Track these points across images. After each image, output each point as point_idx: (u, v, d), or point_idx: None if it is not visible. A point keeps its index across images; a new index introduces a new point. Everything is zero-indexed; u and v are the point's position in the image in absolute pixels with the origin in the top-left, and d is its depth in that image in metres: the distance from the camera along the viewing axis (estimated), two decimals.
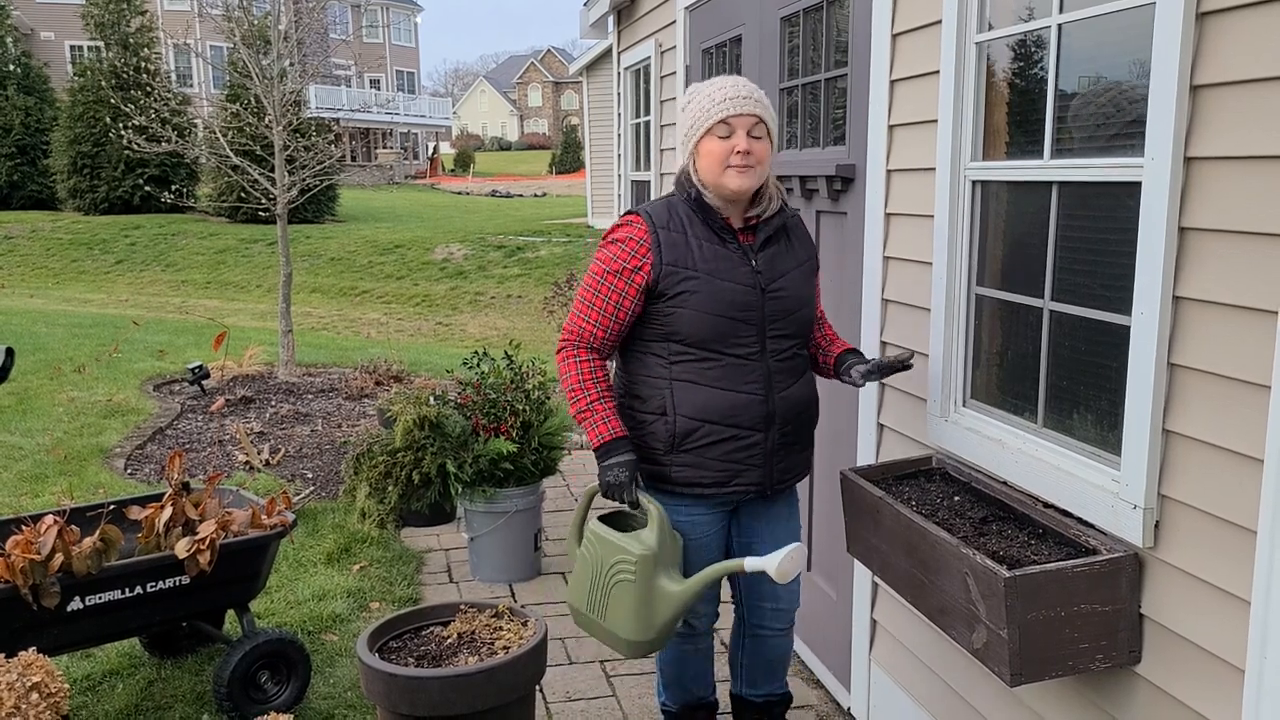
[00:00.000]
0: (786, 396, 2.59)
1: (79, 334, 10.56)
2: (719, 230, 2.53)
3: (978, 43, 2.50)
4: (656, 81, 5.51)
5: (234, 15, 8.50)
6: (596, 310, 2.54)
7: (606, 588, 2.56)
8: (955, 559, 2.12)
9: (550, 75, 78.06)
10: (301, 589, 4.24)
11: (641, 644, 2.57)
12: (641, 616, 2.52)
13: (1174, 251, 1.89)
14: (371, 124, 43.58)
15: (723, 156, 2.47)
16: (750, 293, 2.51)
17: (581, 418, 2.55)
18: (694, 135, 2.52)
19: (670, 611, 2.53)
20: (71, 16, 29.70)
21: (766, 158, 2.50)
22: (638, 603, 2.51)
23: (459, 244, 19.89)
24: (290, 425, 6.86)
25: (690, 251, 2.50)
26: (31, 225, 22.80)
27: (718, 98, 2.47)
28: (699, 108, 2.51)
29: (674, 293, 2.49)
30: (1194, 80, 1.83)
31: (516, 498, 4.38)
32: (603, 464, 2.52)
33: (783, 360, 2.58)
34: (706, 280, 2.48)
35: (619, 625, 2.56)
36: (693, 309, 2.48)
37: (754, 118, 2.47)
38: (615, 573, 2.53)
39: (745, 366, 2.53)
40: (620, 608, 2.54)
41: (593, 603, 2.61)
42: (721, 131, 2.47)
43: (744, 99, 2.47)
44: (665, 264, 2.49)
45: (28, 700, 2.45)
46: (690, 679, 2.95)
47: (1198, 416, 1.87)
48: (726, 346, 2.51)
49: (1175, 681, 1.95)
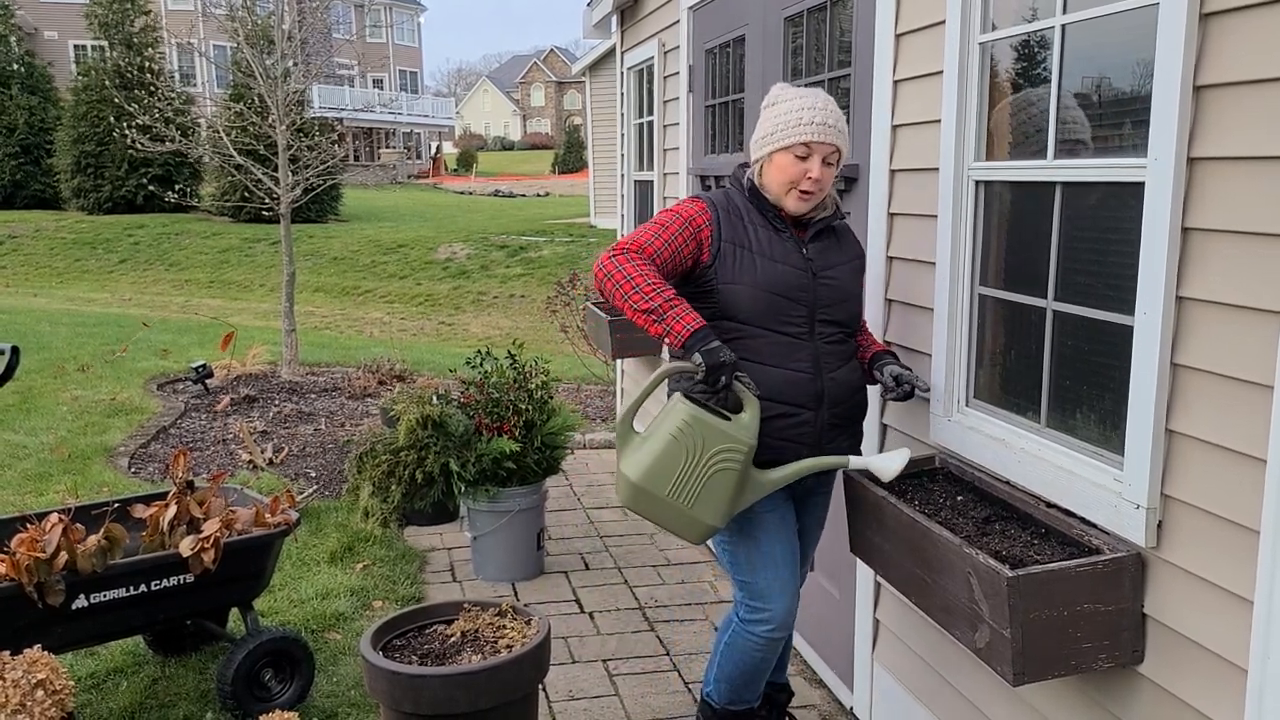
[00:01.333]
0: (835, 378, 2.62)
1: (83, 333, 10.58)
2: (773, 220, 2.61)
3: (981, 43, 2.50)
4: (659, 82, 5.51)
5: (238, 15, 8.52)
6: (662, 239, 2.53)
7: (704, 474, 2.44)
8: (958, 558, 2.12)
9: (553, 75, 78.04)
10: (305, 587, 4.25)
11: (716, 530, 2.52)
12: (731, 504, 2.48)
13: (1177, 252, 1.89)
14: (374, 123, 43.60)
15: (794, 178, 2.54)
16: (802, 275, 2.58)
17: (652, 315, 2.42)
18: (773, 143, 2.56)
19: (754, 498, 2.53)
20: (75, 16, 29.72)
21: (829, 182, 2.59)
22: (734, 491, 2.46)
23: (462, 243, 19.91)
24: (293, 424, 6.87)
25: (747, 234, 2.59)
26: (35, 225, 22.84)
27: (805, 118, 2.52)
28: (784, 119, 2.54)
29: (730, 269, 2.55)
30: (1197, 81, 1.83)
31: (519, 497, 4.39)
32: (702, 348, 2.39)
33: (831, 343, 2.62)
34: (761, 260, 2.56)
35: (708, 512, 2.46)
36: (748, 285, 2.54)
37: (833, 147, 2.54)
38: (718, 460, 2.43)
39: (795, 345, 2.57)
40: (714, 495, 2.45)
41: (680, 488, 2.46)
42: (800, 152, 2.52)
43: (830, 127, 2.52)
44: (724, 240, 2.56)
45: (33, 697, 2.46)
46: (756, 685, 2.84)
47: (1201, 416, 1.87)
48: (778, 325, 2.56)
49: (1178, 681, 1.95)
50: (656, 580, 4.49)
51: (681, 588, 4.40)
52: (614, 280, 2.45)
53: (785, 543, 2.69)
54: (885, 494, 2.45)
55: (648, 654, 3.80)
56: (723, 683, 2.83)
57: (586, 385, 8.54)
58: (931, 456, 2.73)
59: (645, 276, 2.43)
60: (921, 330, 2.81)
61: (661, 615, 4.13)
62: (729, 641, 2.78)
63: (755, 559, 2.67)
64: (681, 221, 2.57)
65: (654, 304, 2.41)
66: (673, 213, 2.61)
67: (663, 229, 2.55)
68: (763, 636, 2.70)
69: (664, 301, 2.41)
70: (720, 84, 4.56)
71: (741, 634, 2.73)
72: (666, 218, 2.59)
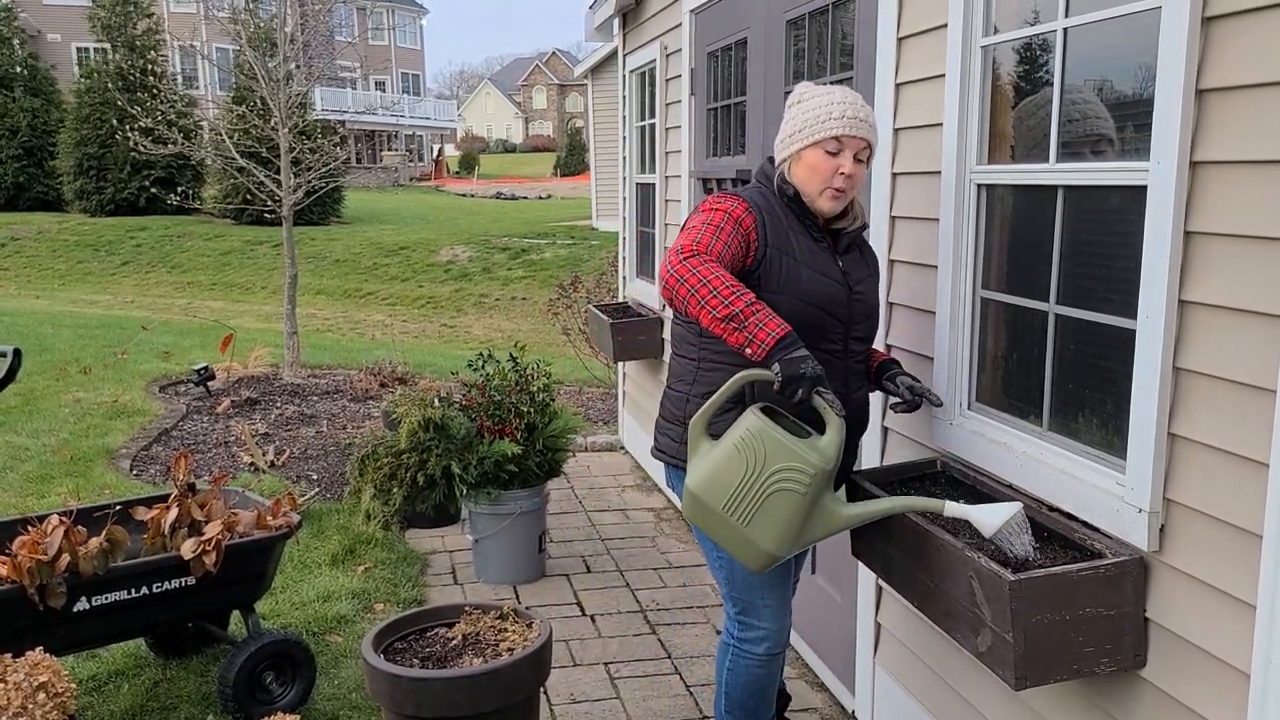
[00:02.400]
0: (857, 399, 2.57)
1: (85, 335, 10.59)
2: (811, 228, 2.49)
3: (983, 46, 2.50)
4: (661, 84, 5.52)
5: (240, 18, 8.53)
6: (721, 240, 2.32)
7: (761, 493, 2.22)
8: (960, 562, 2.12)
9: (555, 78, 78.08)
10: (306, 590, 4.25)
11: (777, 559, 2.29)
12: (793, 531, 2.24)
13: (1179, 256, 1.89)
14: (377, 126, 43.66)
15: (826, 174, 2.41)
16: (841, 289, 2.48)
17: (733, 323, 2.18)
18: (801, 140, 2.44)
19: (825, 533, 2.30)
20: (78, 18, 29.79)
21: (861, 181, 2.47)
22: (796, 517, 2.22)
23: (464, 246, 19.92)
24: (295, 427, 6.87)
25: (790, 240, 2.44)
26: (38, 227, 22.87)
27: (835, 112, 2.40)
28: (812, 114, 2.43)
29: (777, 276, 2.39)
30: (1199, 85, 1.83)
31: (521, 499, 4.39)
32: (788, 356, 2.16)
33: (858, 362, 2.57)
34: (805, 271, 2.42)
35: (765, 536, 2.24)
36: (792, 297, 2.39)
37: (863, 142, 2.43)
38: (778, 480, 2.21)
39: (831, 364, 2.45)
40: (771, 518, 2.23)
41: (736, 503, 2.25)
42: (831, 147, 2.40)
43: (860, 121, 2.41)
44: (770, 245, 2.41)
45: (34, 700, 2.46)
46: (769, 702, 2.77)
47: (1203, 421, 1.87)
48: (818, 341, 2.42)
49: (1180, 686, 1.95)
50: (658, 583, 4.49)
51: (683, 590, 4.40)
52: (688, 285, 2.21)
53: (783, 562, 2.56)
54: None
55: (649, 657, 3.80)
56: (735, 711, 2.75)
57: (588, 388, 8.54)
58: (934, 460, 2.73)
59: (721, 279, 2.20)
60: (924, 334, 2.81)
61: (663, 618, 4.13)
62: (730, 667, 2.72)
63: (750, 578, 2.60)
64: (732, 221, 2.37)
65: (734, 309, 2.18)
66: (718, 211, 2.39)
67: (718, 230, 2.33)
68: (761, 655, 2.67)
69: (745, 307, 2.18)
70: (722, 87, 4.56)
71: (741, 655, 2.69)
72: (716, 218, 2.36)
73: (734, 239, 2.35)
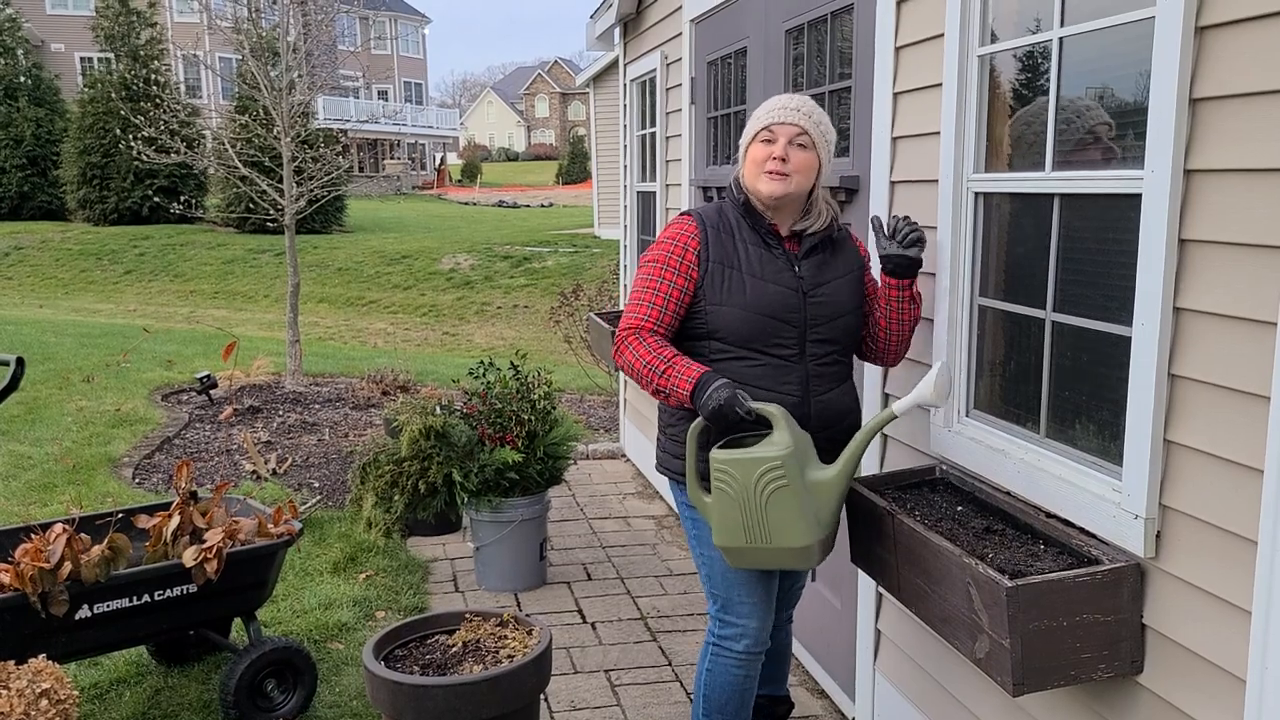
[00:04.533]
0: (824, 400, 2.59)
1: (88, 344, 10.61)
2: (765, 235, 2.59)
3: (980, 56, 2.52)
4: (662, 93, 5.54)
5: (243, 27, 8.57)
6: (650, 304, 2.56)
7: (763, 506, 2.38)
8: (958, 569, 2.13)
9: (557, 86, 78.28)
10: (308, 598, 4.26)
11: (820, 543, 2.42)
12: (809, 515, 2.39)
13: (1174, 263, 1.90)
14: (379, 135, 43.75)
15: (761, 161, 2.55)
16: (792, 295, 2.55)
17: (663, 383, 2.47)
18: (744, 144, 2.63)
19: (834, 499, 2.43)
20: (82, 28, 29.91)
21: (806, 168, 2.55)
22: (800, 503, 2.37)
23: (466, 254, 19.95)
24: (297, 434, 6.88)
25: (736, 252, 2.57)
26: (41, 236, 22.93)
27: (770, 107, 2.58)
28: (753, 117, 2.61)
29: (718, 289, 2.54)
30: (1194, 93, 1.85)
31: (522, 507, 4.40)
32: (703, 398, 2.41)
33: (823, 364, 2.59)
34: (750, 280, 2.54)
35: (790, 536, 2.39)
36: (735, 306, 2.53)
37: (797, 128, 2.53)
38: (767, 484, 2.37)
39: (784, 368, 2.55)
40: (784, 517, 2.38)
41: (751, 530, 2.41)
42: (765, 137, 2.56)
43: (791, 110, 2.55)
44: (712, 261, 2.55)
45: (37, 707, 2.47)
46: (747, 708, 2.77)
47: (1198, 427, 1.88)
48: (767, 346, 2.54)
49: (1177, 691, 1.95)
50: (659, 590, 4.49)
51: (684, 598, 4.41)
52: (630, 369, 2.54)
53: None
54: (887, 505, 2.46)
55: (650, 664, 3.80)
56: (714, 715, 2.76)
57: (590, 395, 8.55)
58: (932, 467, 2.73)
59: (641, 357, 2.50)
60: (922, 341, 2.82)
61: (664, 625, 4.13)
62: (710, 667, 2.75)
63: (730, 574, 2.66)
64: (672, 260, 2.57)
65: (658, 371, 2.47)
66: (662, 248, 2.60)
67: (656, 284, 2.56)
68: (740, 654, 2.69)
69: (665, 367, 2.47)
70: (722, 96, 4.58)
71: (719, 654, 2.72)
72: (655, 270, 2.58)
73: (675, 283, 2.56)
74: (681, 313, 2.58)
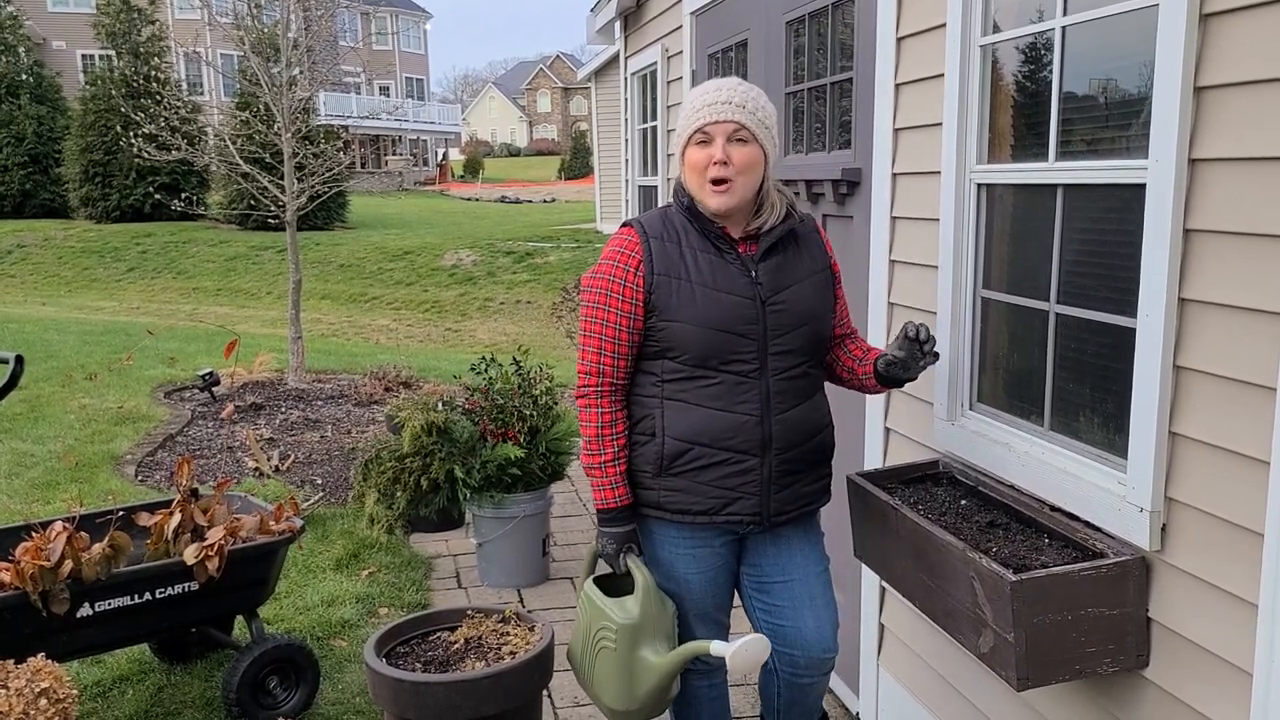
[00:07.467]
0: (786, 419, 2.37)
1: (90, 341, 10.62)
2: (715, 240, 2.36)
3: (982, 46, 2.50)
4: (663, 87, 5.52)
5: (244, 23, 8.55)
6: (600, 341, 2.38)
7: (593, 651, 2.45)
8: (962, 563, 2.11)
9: (559, 81, 78.21)
10: (310, 595, 4.25)
11: (624, 714, 2.43)
12: (623, 686, 2.40)
13: (1179, 254, 1.88)
14: (381, 131, 43.73)
15: (701, 167, 2.32)
16: (749, 305, 2.32)
17: (590, 473, 2.43)
18: (678, 145, 2.40)
19: (651, 683, 2.37)
20: (83, 26, 29.87)
21: (751, 165, 2.32)
22: (619, 672, 2.39)
23: (468, 250, 19.94)
24: (300, 431, 6.88)
25: (684, 262, 2.34)
26: (44, 233, 22.94)
27: (698, 104, 2.34)
28: (683, 115, 2.38)
29: (667, 304, 2.32)
30: (1198, 82, 1.83)
31: (524, 503, 4.39)
32: (600, 530, 2.44)
33: (786, 379, 2.37)
34: (701, 291, 2.31)
35: (605, 693, 2.45)
36: (686, 322, 2.30)
37: (733, 124, 2.29)
38: (600, 638, 2.42)
39: (743, 385, 2.33)
40: (603, 674, 2.43)
41: (583, 663, 2.52)
42: (699, 139, 2.33)
43: (722, 104, 2.30)
44: (657, 274, 2.33)
45: (36, 706, 2.46)
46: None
47: (1204, 419, 1.86)
48: (724, 363, 2.32)
49: (1183, 685, 1.94)
50: None
51: None
52: (581, 432, 2.47)
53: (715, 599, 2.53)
54: (890, 499, 2.44)
55: None
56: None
57: None
58: (935, 460, 2.72)
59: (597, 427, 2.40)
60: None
61: None
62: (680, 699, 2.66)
63: (684, 608, 2.51)
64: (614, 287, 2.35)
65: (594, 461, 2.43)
66: (601, 277, 2.38)
67: (602, 328, 2.37)
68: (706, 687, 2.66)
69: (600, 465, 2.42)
70: None
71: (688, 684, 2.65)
72: (595, 312, 2.37)
73: (621, 308, 2.35)
74: (637, 339, 2.37)
